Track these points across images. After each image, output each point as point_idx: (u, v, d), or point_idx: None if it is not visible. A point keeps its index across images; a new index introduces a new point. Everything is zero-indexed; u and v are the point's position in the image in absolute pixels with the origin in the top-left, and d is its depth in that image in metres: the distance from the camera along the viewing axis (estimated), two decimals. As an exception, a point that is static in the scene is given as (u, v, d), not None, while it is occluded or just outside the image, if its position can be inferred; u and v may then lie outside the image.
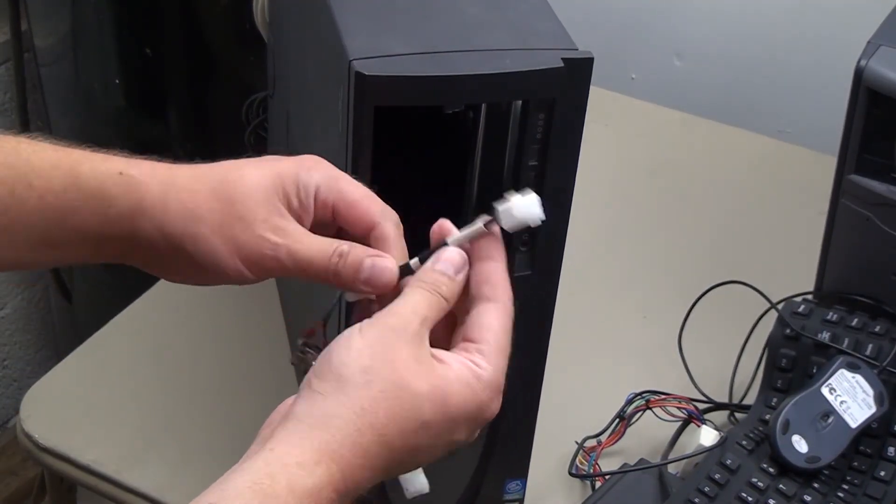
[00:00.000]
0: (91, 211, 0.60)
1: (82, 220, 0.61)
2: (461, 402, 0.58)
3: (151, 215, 0.61)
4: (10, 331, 1.96)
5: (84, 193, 0.60)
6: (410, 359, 0.57)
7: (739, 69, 1.64)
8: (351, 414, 0.55)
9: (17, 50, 1.70)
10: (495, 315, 0.60)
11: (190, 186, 0.62)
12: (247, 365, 1.13)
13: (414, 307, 0.59)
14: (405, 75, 0.71)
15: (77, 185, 0.60)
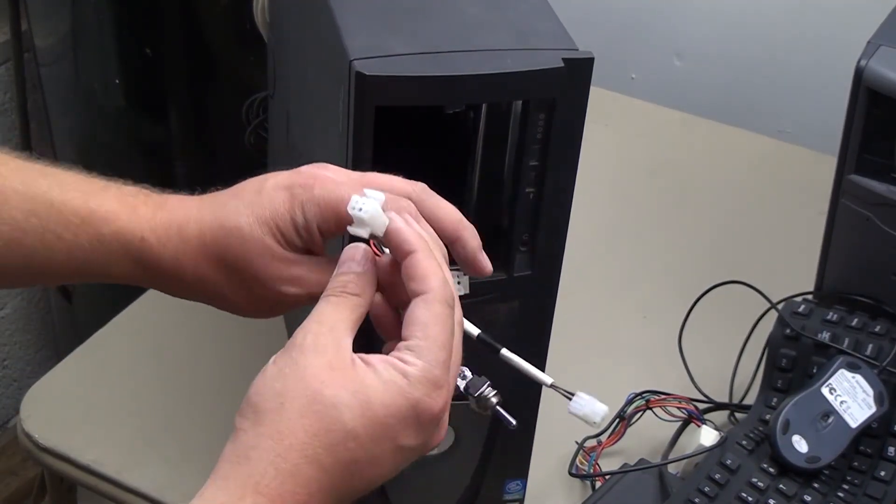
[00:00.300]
0: (115, 265, 0.63)
1: (106, 272, 0.63)
2: (388, 402, 0.55)
3: (172, 278, 0.64)
4: (10, 331, 1.96)
5: (109, 252, 0.62)
6: (322, 369, 0.55)
7: (739, 69, 1.64)
8: (269, 441, 0.54)
9: (17, 50, 1.70)
10: (423, 307, 0.57)
11: (200, 253, 0.63)
12: (247, 365, 1.12)
13: (319, 318, 0.57)
14: (406, 75, 0.71)
15: (102, 244, 0.62)
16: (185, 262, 0.62)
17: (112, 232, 0.62)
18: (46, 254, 0.61)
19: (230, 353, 1.14)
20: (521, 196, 0.78)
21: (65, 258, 0.62)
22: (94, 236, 0.62)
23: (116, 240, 0.62)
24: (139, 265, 0.63)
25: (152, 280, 0.64)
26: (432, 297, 0.57)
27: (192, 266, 0.63)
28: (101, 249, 0.62)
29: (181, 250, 0.63)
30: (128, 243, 0.62)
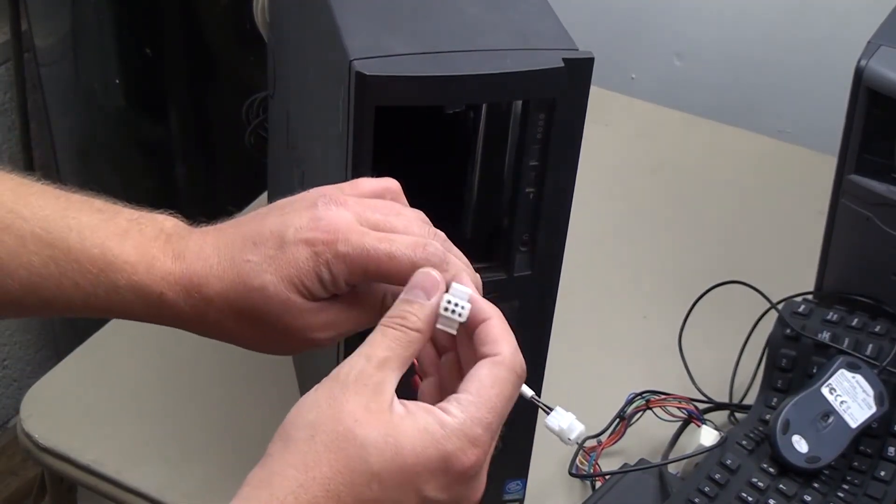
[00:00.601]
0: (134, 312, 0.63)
1: (125, 314, 0.63)
2: (418, 450, 0.54)
3: (193, 328, 0.63)
4: (10, 331, 1.96)
5: (127, 302, 0.62)
6: (359, 408, 0.54)
7: (739, 69, 1.64)
8: (293, 470, 0.54)
9: (17, 50, 1.70)
10: (487, 368, 0.57)
11: (221, 309, 0.62)
12: (247, 365, 1.13)
13: (369, 352, 0.56)
14: (406, 75, 0.71)
15: (119, 294, 0.62)
16: (209, 316, 0.62)
17: (129, 285, 0.62)
18: (64, 299, 0.61)
19: (230, 354, 1.14)
20: (521, 196, 0.78)
21: (82, 304, 0.62)
22: (111, 287, 0.61)
23: (133, 292, 0.62)
24: (158, 316, 0.63)
25: (174, 325, 0.64)
26: (501, 360, 0.57)
27: (216, 320, 0.62)
28: (118, 299, 0.62)
29: (202, 307, 0.62)
30: (146, 297, 0.62)
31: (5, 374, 1.98)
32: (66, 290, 0.61)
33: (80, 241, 0.62)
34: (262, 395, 1.09)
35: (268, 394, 1.09)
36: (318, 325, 0.62)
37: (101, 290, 0.61)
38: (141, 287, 0.62)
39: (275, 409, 1.09)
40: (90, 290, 0.61)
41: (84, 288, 0.61)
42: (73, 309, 0.63)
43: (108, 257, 0.62)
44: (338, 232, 0.60)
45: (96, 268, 0.61)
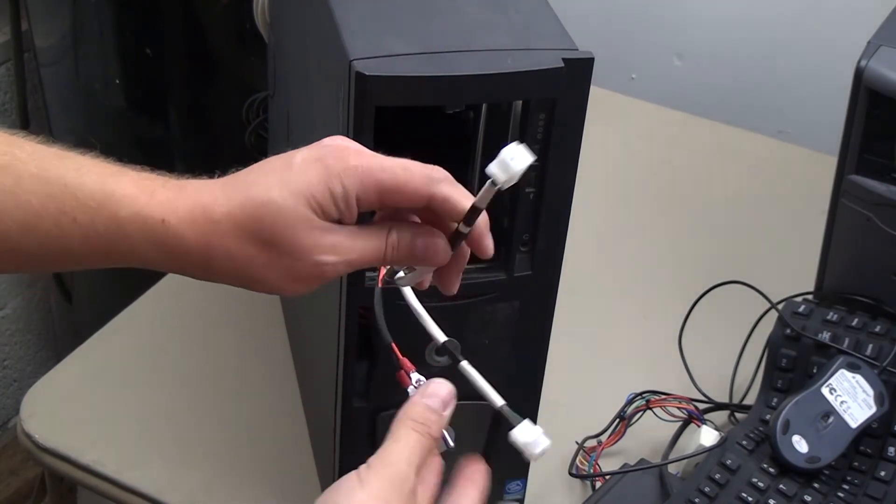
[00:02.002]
0: (133, 253, 0.61)
1: (126, 258, 0.61)
2: None
3: (198, 261, 0.61)
4: (11, 331, 1.96)
5: (128, 237, 0.60)
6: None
7: (739, 69, 1.64)
8: None
9: (17, 50, 1.70)
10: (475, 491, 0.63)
11: (228, 233, 0.60)
12: (247, 365, 1.13)
13: (409, 457, 0.59)
14: (406, 75, 0.71)
15: (120, 229, 0.60)
16: (213, 242, 0.60)
17: (130, 215, 0.60)
18: (62, 238, 0.60)
19: (230, 354, 1.14)
20: (521, 196, 0.78)
21: (81, 242, 0.60)
22: (110, 219, 0.60)
23: (134, 223, 0.60)
24: (161, 250, 0.61)
25: (175, 264, 0.62)
26: None
27: (222, 246, 0.60)
28: (118, 234, 0.60)
29: (208, 231, 0.60)
30: (147, 227, 0.60)
31: (5, 374, 1.98)
32: (65, 228, 0.59)
33: (78, 176, 0.60)
34: (263, 395, 1.09)
35: (268, 395, 1.09)
36: (325, 247, 0.60)
37: (100, 224, 0.59)
38: (142, 216, 0.60)
39: (275, 410, 1.10)
40: (89, 226, 0.59)
41: (83, 224, 0.59)
42: (72, 252, 0.60)
43: (106, 190, 0.60)
44: (348, 150, 0.61)
45: (95, 201, 0.60)
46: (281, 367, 1.12)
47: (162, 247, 0.61)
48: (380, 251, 0.62)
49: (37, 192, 0.59)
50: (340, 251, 0.61)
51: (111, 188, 0.60)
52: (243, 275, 0.62)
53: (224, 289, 1.28)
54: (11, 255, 0.60)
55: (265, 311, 1.18)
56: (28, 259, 0.61)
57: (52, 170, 0.60)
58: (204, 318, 1.18)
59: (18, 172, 0.59)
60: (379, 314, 0.69)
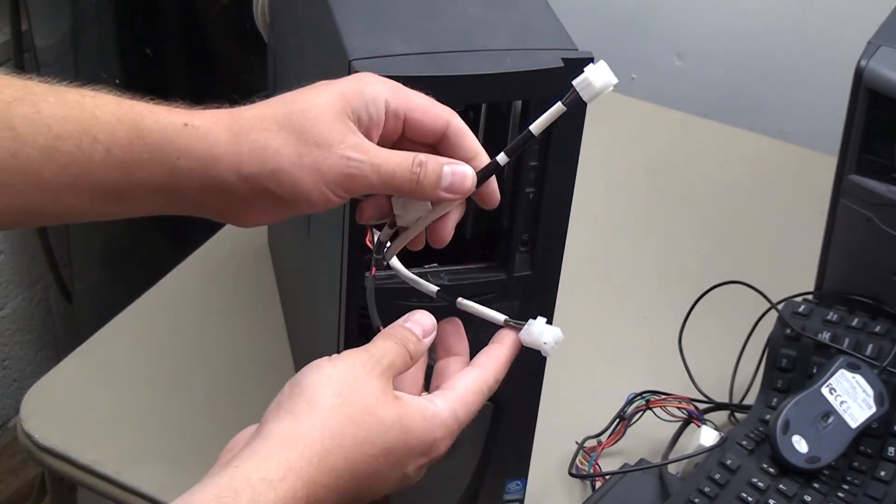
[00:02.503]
0: (158, 164, 0.60)
1: (150, 174, 0.61)
2: (421, 433, 0.60)
3: (226, 163, 0.61)
4: (11, 331, 1.96)
5: (150, 147, 0.60)
6: (378, 390, 0.59)
7: (739, 69, 1.64)
8: (319, 434, 0.57)
9: (17, 50, 1.70)
10: (476, 378, 0.64)
11: (258, 126, 0.61)
12: (247, 364, 1.13)
13: (383, 352, 0.62)
14: (405, 75, 0.71)
15: (142, 138, 0.60)
16: (241, 136, 0.61)
17: (152, 123, 0.60)
18: (83, 160, 0.59)
19: (230, 353, 1.14)
20: (521, 196, 0.78)
21: (101, 162, 0.60)
22: (132, 130, 0.60)
23: (156, 130, 0.60)
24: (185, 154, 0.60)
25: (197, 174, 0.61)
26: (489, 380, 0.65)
27: (250, 139, 0.61)
28: (140, 145, 0.60)
29: (236, 127, 0.61)
30: (171, 131, 0.60)
31: (5, 374, 1.98)
32: (86, 149, 0.59)
33: (95, 100, 0.61)
34: (263, 395, 1.09)
35: (268, 395, 1.09)
36: (353, 143, 0.61)
37: (121, 136, 0.59)
38: (164, 122, 0.60)
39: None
40: (110, 141, 0.59)
41: (103, 141, 0.59)
42: (93, 175, 0.59)
43: (124, 107, 0.61)
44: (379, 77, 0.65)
45: (115, 117, 0.60)
46: (281, 367, 1.11)
47: (186, 152, 0.61)
48: (407, 165, 0.62)
49: (56, 116, 0.59)
50: (368, 151, 0.62)
51: (129, 104, 0.61)
52: (271, 169, 0.61)
53: (224, 289, 1.28)
54: (33, 185, 0.59)
55: (265, 312, 1.18)
56: (48, 191, 0.60)
57: (68, 96, 0.60)
58: (204, 318, 1.18)
59: (36, 101, 0.59)
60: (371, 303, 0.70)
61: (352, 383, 0.59)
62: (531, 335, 0.66)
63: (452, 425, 0.62)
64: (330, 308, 0.83)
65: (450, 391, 0.63)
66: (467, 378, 0.64)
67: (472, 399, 0.64)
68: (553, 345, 0.65)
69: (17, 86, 0.60)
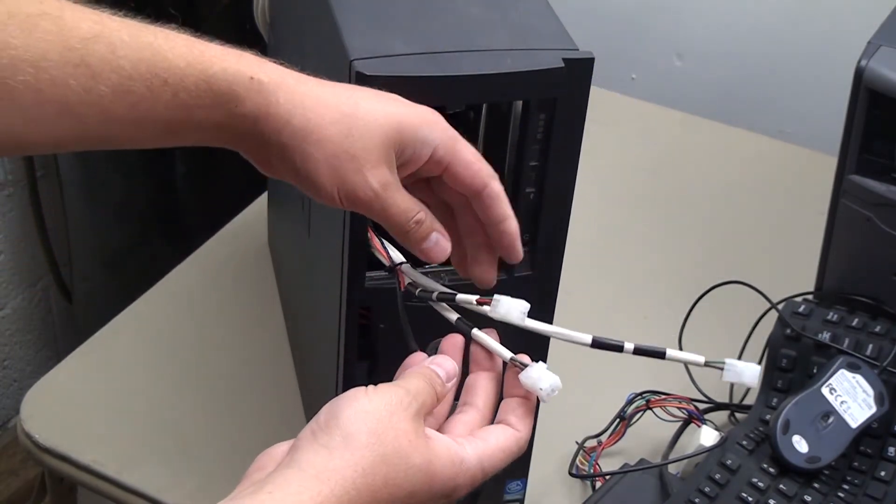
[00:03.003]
0: (219, 108, 0.63)
1: (208, 115, 0.64)
2: (446, 479, 0.62)
3: (275, 123, 0.64)
4: (11, 331, 1.96)
5: (215, 93, 0.63)
6: (411, 432, 0.60)
7: (739, 69, 1.64)
8: (352, 472, 0.58)
9: (17, 50, 1.70)
10: (505, 436, 0.66)
11: (315, 109, 0.64)
12: (247, 365, 1.13)
13: (417, 390, 0.63)
14: (405, 75, 0.71)
15: (209, 85, 0.63)
16: (297, 110, 0.64)
17: (220, 71, 0.63)
18: (152, 101, 0.62)
19: (230, 353, 1.14)
20: (521, 196, 0.78)
21: (167, 104, 0.62)
22: (200, 76, 0.62)
23: (224, 79, 0.63)
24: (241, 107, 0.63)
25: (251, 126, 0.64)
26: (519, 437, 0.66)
27: (303, 115, 0.64)
28: (206, 90, 0.62)
29: (296, 96, 0.64)
30: (235, 82, 0.63)
31: (5, 374, 1.98)
32: (155, 90, 0.62)
33: (167, 41, 0.63)
34: (263, 395, 1.09)
35: (268, 394, 1.09)
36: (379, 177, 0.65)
37: (189, 82, 0.62)
38: (233, 70, 0.63)
39: (275, 410, 1.10)
40: (178, 85, 0.62)
41: (172, 84, 0.62)
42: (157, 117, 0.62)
43: (195, 51, 0.63)
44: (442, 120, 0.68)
45: (185, 61, 0.62)
46: (281, 367, 1.12)
47: (245, 101, 0.63)
48: (408, 216, 0.66)
49: (129, 57, 0.61)
50: (387, 189, 0.65)
51: (200, 49, 0.63)
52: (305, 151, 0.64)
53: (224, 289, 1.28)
54: (102, 118, 0.62)
55: (265, 312, 1.18)
56: (115, 123, 0.63)
57: (142, 36, 0.63)
58: (204, 318, 1.18)
59: (111, 39, 0.62)
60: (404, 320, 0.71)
61: (387, 421, 0.60)
62: (529, 378, 0.66)
63: (477, 475, 0.64)
64: (330, 308, 0.83)
65: (482, 442, 0.65)
66: (500, 435, 0.66)
67: (500, 456, 0.65)
68: (549, 392, 0.66)
69: (93, 20, 0.62)
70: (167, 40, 0.63)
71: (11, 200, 1.85)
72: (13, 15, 0.59)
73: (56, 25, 0.60)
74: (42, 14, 0.60)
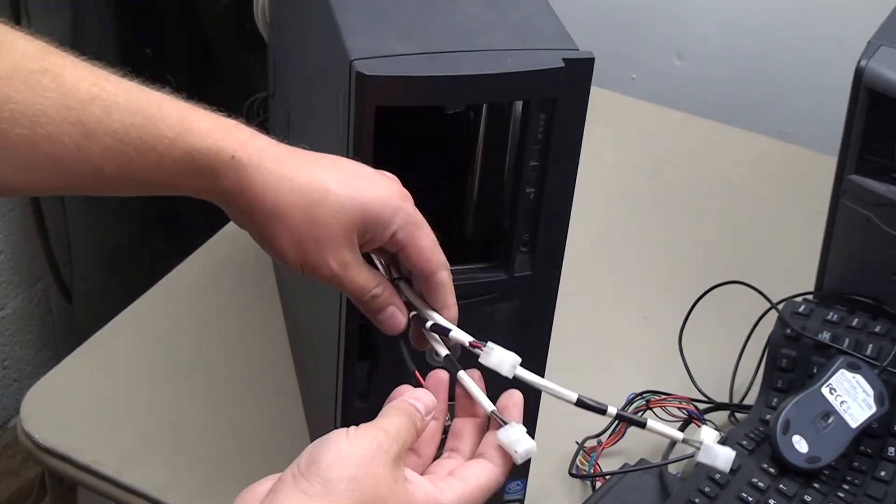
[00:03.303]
0: (200, 179, 0.67)
1: (190, 183, 0.67)
2: None
3: (248, 202, 0.68)
4: (11, 331, 1.96)
5: (198, 166, 0.66)
6: (389, 478, 0.61)
7: (739, 69, 1.64)
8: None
9: (18, 50, 1.70)
10: (486, 473, 0.66)
11: (288, 196, 0.67)
12: (247, 365, 1.13)
13: (397, 431, 0.64)
14: (406, 75, 0.71)
15: (193, 158, 0.66)
16: (269, 193, 0.67)
17: (203, 147, 0.66)
18: (140, 164, 0.65)
19: (230, 354, 1.14)
20: (521, 196, 0.78)
21: (154, 169, 0.65)
22: (186, 150, 0.66)
23: (207, 156, 0.66)
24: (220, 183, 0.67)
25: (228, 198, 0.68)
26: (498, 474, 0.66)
27: (275, 198, 0.67)
28: (189, 162, 0.66)
29: (272, 180, 0.67)
30: (217, 160, 0.66)
31: (5, 374, 1.98)
32: (144, 154, 0.65)
33: (160, 110, 0.66)
34: (263, 396, 1.09)
35: (268, 394, 1.09)
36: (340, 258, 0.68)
37: (177, 152, 0.65)
38: (216, 148, 0.66)
39: (275, 410, 1.10)
40: (165, 154, 0.65)
41: (160, 152, 0.65)
42: (144, 179, 0.66)
43: (185, 123, 0.66)
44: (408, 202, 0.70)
45: (174, 132, 0.66)
46: (281, 368, 1.12)
47: (226, 176, 0.67)
48: (366, 290, 0.70)
49: (122, 121, 0.64)
50: (346, 269, 0.69)
51: (189, 121, 0.66)
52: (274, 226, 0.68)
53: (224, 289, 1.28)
54: (91, 175, 0.65)
55: (265, 312, 1.18)
56: (102, 180, 0.66)
57: (136, 102, 0.66)
58: (204, 319, 1.18)
59: (107, 103, 0.65)
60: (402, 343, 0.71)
61: (366, 467, 0.60)
62: (508, 438, 0.65)
63: None
64: (330, 308, 0.83)
65: (461, 483, 0.65)
66: (480, 472, 0.66)
67: (478, 495, 0.65)
68: (524, 456, 0.65)
69: (92, 81, 0.65)
70: (160, 109, 0.66)
71: (11, 200, 1.85)
72: (17, 70, 0.62)
73: (56, 83, 0.63)
74: (44, 71, 0.63)
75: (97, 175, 0.65)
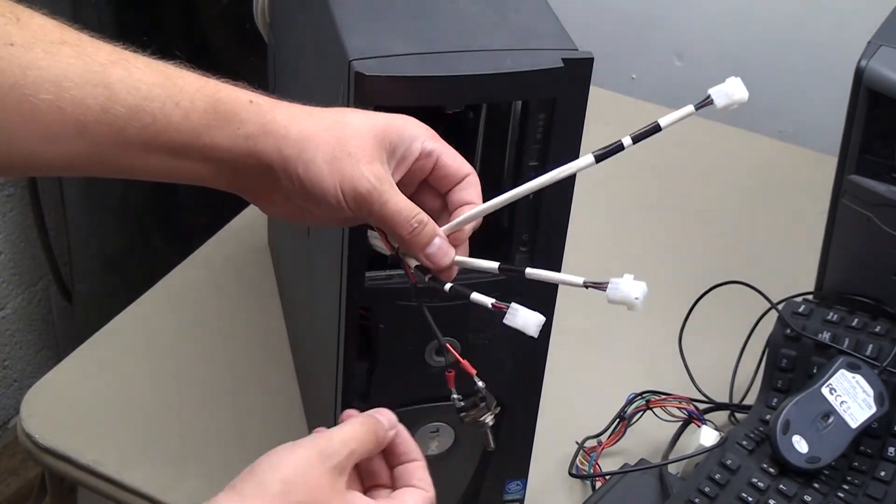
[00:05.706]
0: (223, 130, 0.67)
1: (214, 138, 0.67)
2: None
3: (274, 137, 0.67)
4: (11, 331, 1.96)
5: (220, 115, 0.67)
6: (326, 485, 0.63)
7: (740, 69, 1.63)
8: None
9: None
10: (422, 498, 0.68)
11: (308, 120, 0.68)
12: (247, 365, 1.13)
13: (347, 439, 0.66)
14: (405, 75, 0.71)
15: (215, 107, 0.67)
16: (293, 123, 0.68)
17: (225, 95, 0.67)
18: (163, 121, 0.66)
19: (230, 354, 1.14)
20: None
21: (180, 121, 0.66)
22: (208, 100, 0.67)
23: (229, 102, 0.67)
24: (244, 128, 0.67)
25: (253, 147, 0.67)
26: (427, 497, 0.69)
27: (298, 127, 0.67)
28: (212, 111, 0.67)
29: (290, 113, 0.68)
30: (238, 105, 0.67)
31: (5, 374, 1.98)
32: (167, 112, 0.66)
33: (178, 70, 0.68)
34: (263, 396, 1.09)
35: (268, 394, 1.09)
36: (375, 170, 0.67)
37: (199, 103, 0.67)
38: (235, 96, 0.68)
39: (275, 410, 1.10)
40: (189, 107, 0.67)
41: (183, 107, 0.66)
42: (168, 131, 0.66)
43: (202, 79, 0.69)
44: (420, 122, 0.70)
45: (195, 87, 0.67)
46: (281, 368, 1.12)
47: (247, 122, 0.67)
48: (409, 215, 0.67)
49: (144, 80, 0.66)
50: (384, 183, 0.67)
51: (205, 79, 0.69)
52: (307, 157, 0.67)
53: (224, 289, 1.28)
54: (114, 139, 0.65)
55: (265, 312, 1.18)
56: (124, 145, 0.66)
57: (156, 65, 0.68)
58: (204, 319, 1.18)
59: (129, 66, 0.66)
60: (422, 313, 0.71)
61: (302, 473, 0.62)
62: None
63: None
64: (330, 308, 0.83)
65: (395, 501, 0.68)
66: (417, 497, 0.68)
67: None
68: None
69: (110, 50, 0.66)
70: (178, 70, 0.68)
71: (11, 200, 1.85)
72: (38, 40, 0.64)
73: (76, 51, 0.65)
74: (63, 42, 0.65)
75: (121, 141, 0.65)
